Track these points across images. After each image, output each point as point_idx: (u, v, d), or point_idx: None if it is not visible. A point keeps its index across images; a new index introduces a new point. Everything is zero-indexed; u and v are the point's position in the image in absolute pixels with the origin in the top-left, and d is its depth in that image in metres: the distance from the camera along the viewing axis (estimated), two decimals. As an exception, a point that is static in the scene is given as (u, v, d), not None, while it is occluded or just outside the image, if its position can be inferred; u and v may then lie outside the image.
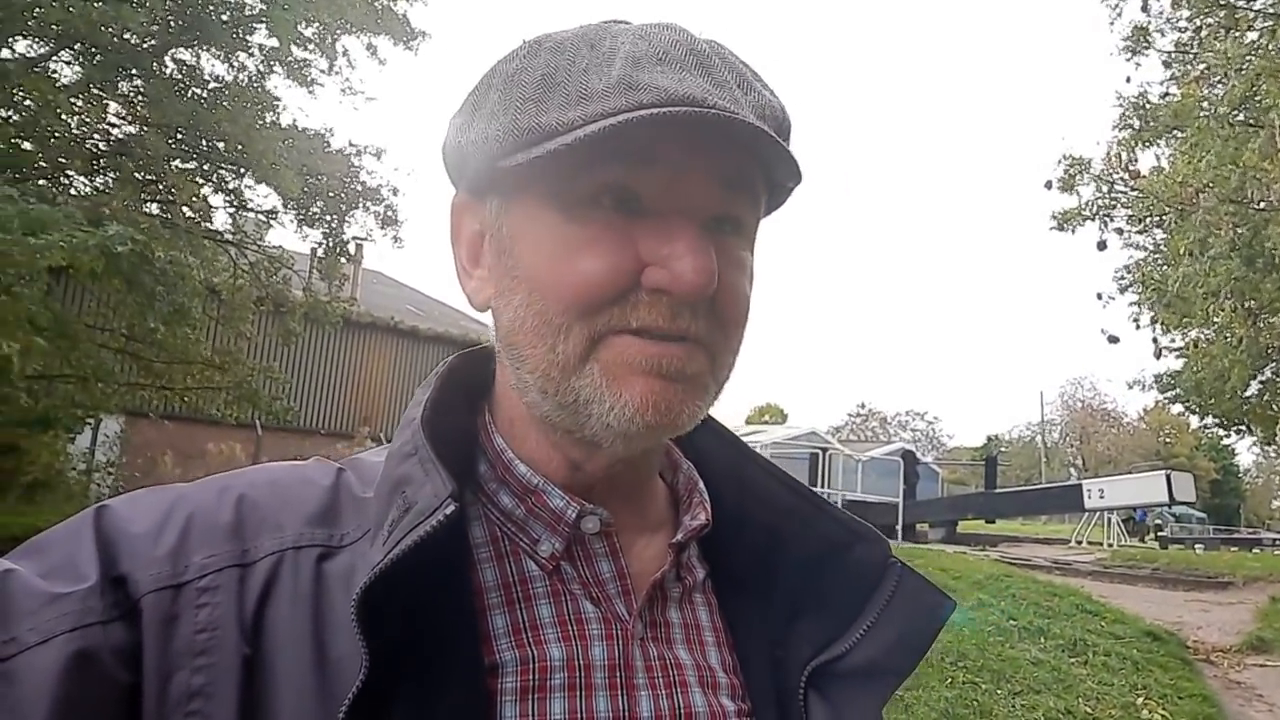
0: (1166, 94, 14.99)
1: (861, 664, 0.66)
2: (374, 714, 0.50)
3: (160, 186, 9.86)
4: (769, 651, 0.68)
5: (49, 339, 8.07)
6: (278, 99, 10.34)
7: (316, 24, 10.08)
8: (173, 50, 9.60)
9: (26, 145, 8.13)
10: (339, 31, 10.41)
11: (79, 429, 10.40)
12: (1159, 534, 26.50)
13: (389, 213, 11.57)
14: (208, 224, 10.64)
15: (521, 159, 0.57)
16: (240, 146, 9.56)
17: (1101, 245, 15.73)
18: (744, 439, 0.77)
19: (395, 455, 0.61)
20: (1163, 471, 18.49)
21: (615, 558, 0.65)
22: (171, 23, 9.21)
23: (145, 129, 9.32)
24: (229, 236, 11.24)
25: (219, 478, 0.63)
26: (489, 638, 0.58)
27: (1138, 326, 16.13)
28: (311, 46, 10.42)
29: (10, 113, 7.35)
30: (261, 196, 11.08)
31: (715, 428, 0.77)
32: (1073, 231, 15.84)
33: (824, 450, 19.12)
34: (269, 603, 0.55)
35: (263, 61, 10.31)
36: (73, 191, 9.52)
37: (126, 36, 8.60)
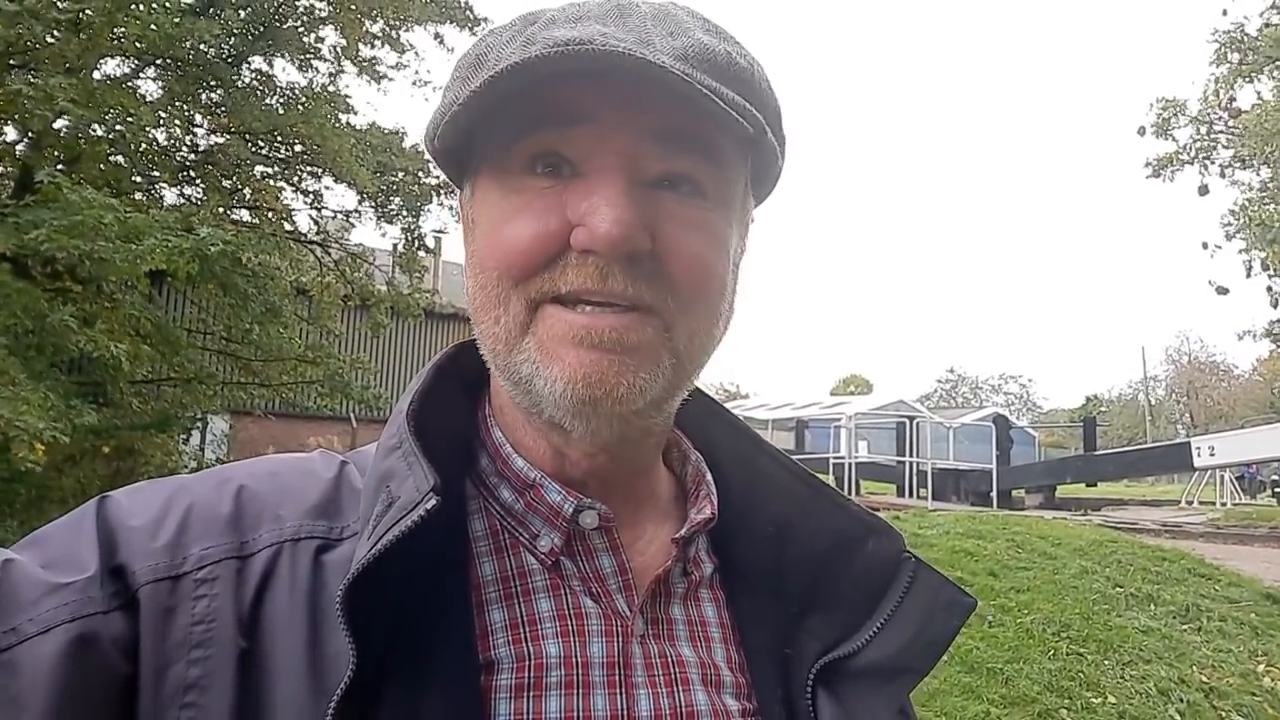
0: (1267, 24, 14.00)
1: (874, 663, 0.64)
2: (365, 710, 0.50)
3: (245, 193, 10.23)
4: (778, 648, 0.66)
5: (153, 345, 8.50)
6: (349, 99, 10.58)
7: (382, 20, 10.26)
8: (248, 59, 9.91)
9: (120, 160, 8.52)
10: (404, 26, 10.58)
11: (191, 428, 10.94)
12: (1276, 490, 25.13)
13: (463, 204, 11.73)
14: (292, 225, 11.00)
15: (441, 134, 0.58)
16: (317, 148, 9.83)
17: (1203, 190, 14.89)
18: (828, 411, 0.74)
19: (382, 449, 0.61)
20: (1278, 424, 17.46)
21: (616, 553, 0.63)
22: (245, 32, 9.51)
23: (228, 137, 9.68)
24: (313, 237, 11.60)
25: (221, 469, 0.63)
26: (485, 633, 0.58)
27: (1248, 274, 15.22)
28: (379, 42, 10.62)
29: (103, 130, 7.71)
30: (340, 196, 11.40)
31: (726, 417, 0.75)
32: (1170, 178, 15.01)
33: (911, 419, 18.70)
34: (266, 595, 0.54)
35: (333, 62, 10.57)
36: (166, 203, 9.97)
37: (203, 49, 8.91)
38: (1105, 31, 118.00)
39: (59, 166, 7.45)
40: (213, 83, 9.48)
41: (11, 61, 6.72)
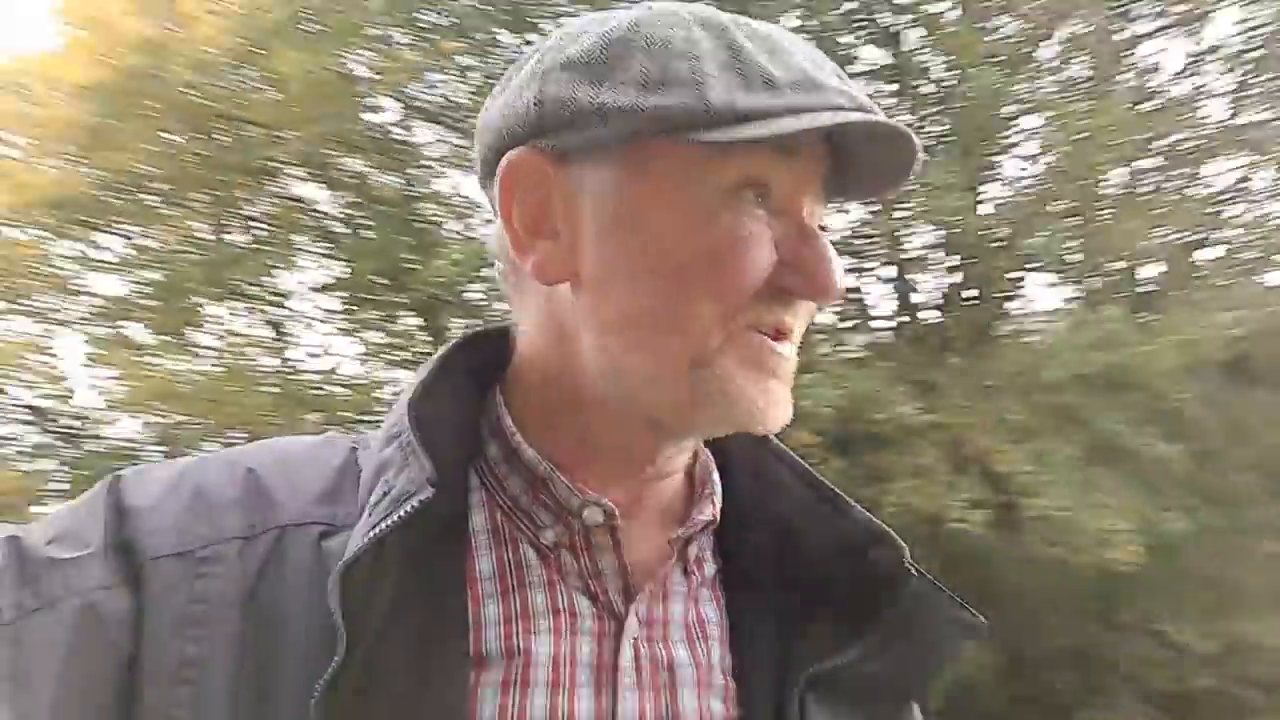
0: None
1: (867, 677, 0.63)
2: (353, 696, 0.51)
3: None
4: (774, 654, 0.64)
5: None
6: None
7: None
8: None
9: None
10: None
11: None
12: None
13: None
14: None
15: (720, 135, 0.54)
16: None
17: None
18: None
19: (383, 436, 0.61)
20: None
21: (618, 551, 0.62)
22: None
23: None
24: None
25: (230, 451, 0.64)
26: (479, 626, 0.58)
27: None
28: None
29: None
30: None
31: None
32: None
33: None
34: (267, 578, 0.56)
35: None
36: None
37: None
38: None
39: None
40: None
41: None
